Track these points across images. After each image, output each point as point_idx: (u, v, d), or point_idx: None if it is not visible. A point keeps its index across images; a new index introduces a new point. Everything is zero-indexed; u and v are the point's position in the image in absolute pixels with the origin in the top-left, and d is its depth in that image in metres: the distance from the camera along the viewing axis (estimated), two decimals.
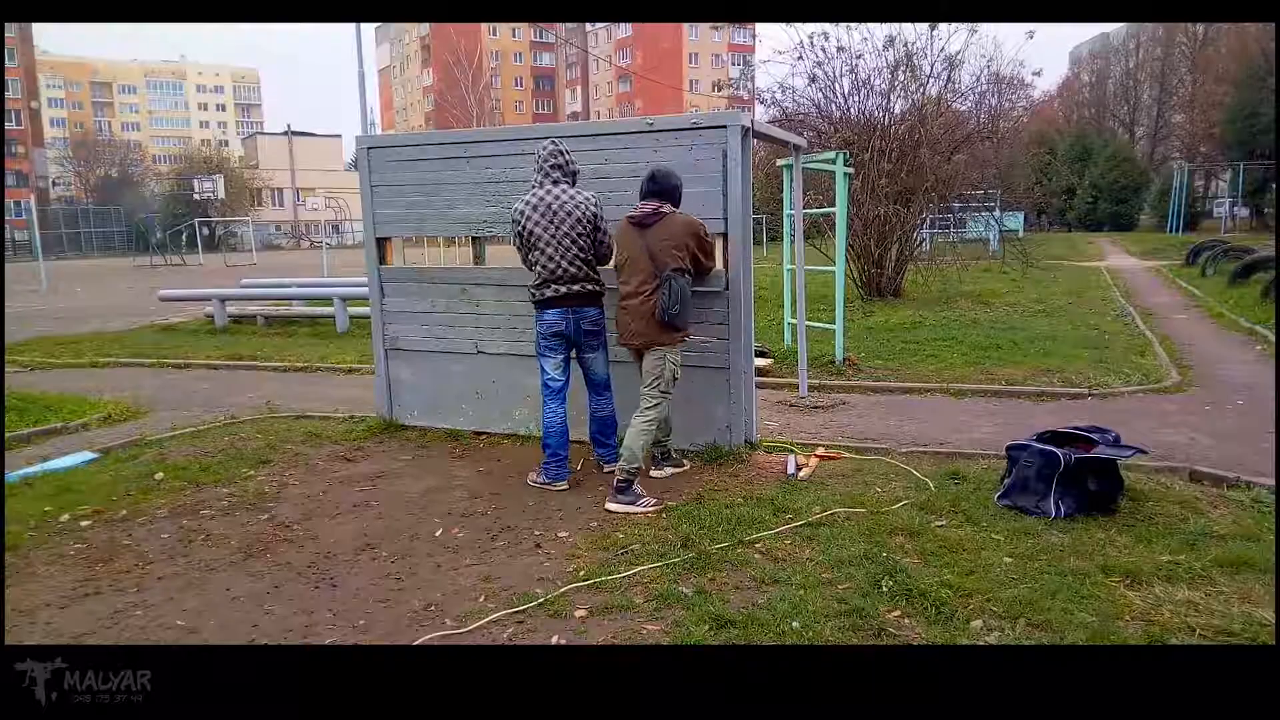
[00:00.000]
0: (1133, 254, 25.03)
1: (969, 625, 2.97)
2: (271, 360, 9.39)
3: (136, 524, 4.26)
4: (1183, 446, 5.30)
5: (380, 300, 6.10)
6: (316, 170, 61.58)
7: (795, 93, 13.97)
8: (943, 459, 5.02)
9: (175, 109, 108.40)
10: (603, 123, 5.58)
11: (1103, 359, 8.09)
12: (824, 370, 7.78)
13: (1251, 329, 9.79)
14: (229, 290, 13.82)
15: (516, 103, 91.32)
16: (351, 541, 3.99)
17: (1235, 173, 36.70)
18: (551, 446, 4.72)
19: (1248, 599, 3.11)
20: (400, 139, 6.23)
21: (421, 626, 3.12)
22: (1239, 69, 36.83)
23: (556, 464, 4.72)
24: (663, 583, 3.37)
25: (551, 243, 4.54)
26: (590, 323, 4.70)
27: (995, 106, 14.53)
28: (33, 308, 16.77)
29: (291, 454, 5.51)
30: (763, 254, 21.56)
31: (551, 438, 4.72)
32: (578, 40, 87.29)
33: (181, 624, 3.20)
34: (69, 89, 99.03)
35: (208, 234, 46.04)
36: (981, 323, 10.61)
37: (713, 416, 5.20)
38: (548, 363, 4.73)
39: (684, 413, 5.24)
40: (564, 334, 4.67)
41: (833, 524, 3.96)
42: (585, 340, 4.74)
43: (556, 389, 4.76)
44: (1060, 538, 3.72)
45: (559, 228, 4.52)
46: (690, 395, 5.21)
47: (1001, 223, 18.66)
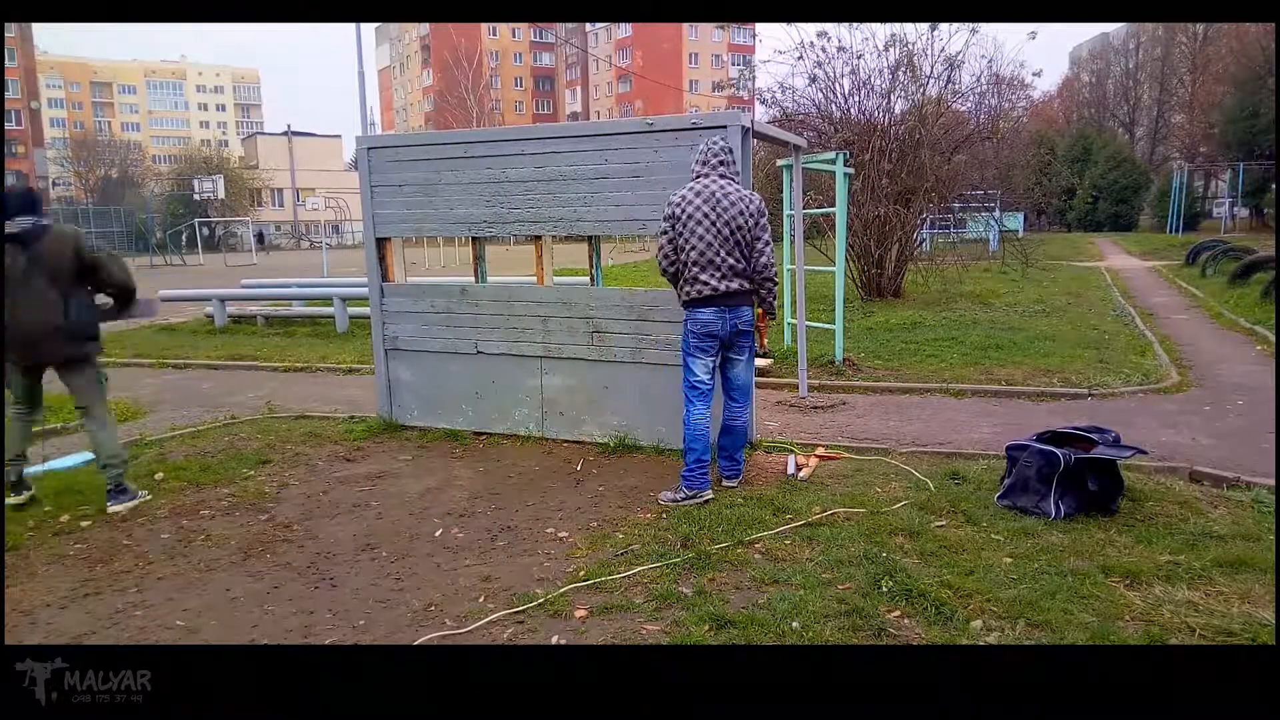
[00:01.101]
0: (1133, 254, 25.03)
1: (969, 625, 2.97)
2: (271, 360, 9.39)
3: (136, 524, 4.26)
4: (1183, 447, 5.30)
5: (380, 300, 6.10)
6: (316, 170, 61.57)
7: (795, 93, 13.98)
8: (943, 459, 5.03)
9: (175, 109, 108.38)
10: (603, 123, 5.58)
11: (1103, 359, 8.09)
12: (824, 370, 7.78)
13: (1251, 329, 9.79)
14: (229, 290, 13.82)
15: (516, 103, 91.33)
16: (351, 542, 4.00)
17: (1235, 173, 36.70)
18: (697, 452, 4.40)
19: (1248, 599, 3.11)
20: (400, 139, 6.23)
21: (421, 627, 3.12)
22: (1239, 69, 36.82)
23: (702, 472, 4.40)
24: (662, 583, 3.37)
25: (712, 229, 4.27)
26: (744, 323, 4.48)
27: (995, 107, 14.53)
28: None
29: (291, 454, 5.51)
30: None
31: (698, 443, 4.41)
32: (578, 40, 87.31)
33: (181, 624, 3.20)
34: (69, 89, 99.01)
35: (207, 234, 46.03)
36: (981, 323, 10.61)
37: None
38: (697, 364, 4.44)
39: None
40: (717, 334, 4.39)
41: (833, 524, 3.96)
42: (737, 341, 4.47)
43: (706, 391, 4.47)
44: (1060, 538, 3.72)
45: (721, 217, 4.27)
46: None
47: (1001, 223, 18.67)
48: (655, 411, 5.31)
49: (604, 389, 5.48)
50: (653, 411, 5.32)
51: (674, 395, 5.28)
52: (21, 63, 62.28)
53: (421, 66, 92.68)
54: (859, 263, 13.31)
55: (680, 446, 4.74)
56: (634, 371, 5.39)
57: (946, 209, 17.42)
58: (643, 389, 5.36)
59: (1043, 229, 40.72)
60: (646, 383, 5.34)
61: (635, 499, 4.46)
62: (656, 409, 5.29)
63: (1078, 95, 63.32)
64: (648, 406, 5.35)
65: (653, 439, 5.34)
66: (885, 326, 10.43)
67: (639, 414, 5.39)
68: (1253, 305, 11.38)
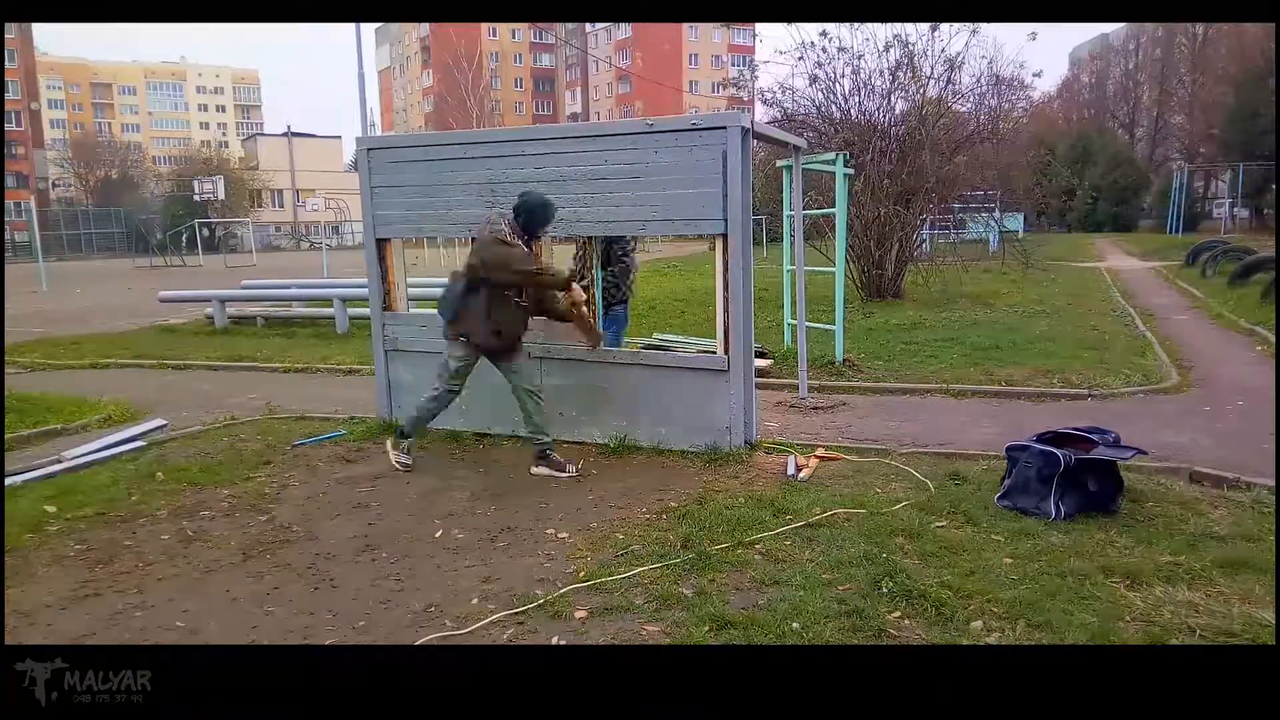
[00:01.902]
0: (1132, 255, 25.04)
1: (969, 626, 2.97)
2: (271, 361, 9.39)
3: (137, 525, 4.26)
4: (1183, 447, 5.29)
5: (380, 301, 6.09)
6: (316, 171, 61.58)
7: (796, 93, 14.00)
8: (943, 460, 5.02)
9: (175, 110, 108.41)
10: (603, 124, 5.59)
11: (1103, 360, 8.09)
12: (824, 371, 7.78)
13: (1251, 329, 9.79)
14: (229, 291, 13.82)
15: (516, 104, 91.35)
16: (351, 543, 3.99)
17: (1235, 174, 36.72)
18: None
19: (1248, 599, 3.11)
20: (400, 140, 6.24)
21: (421, 628, 3.12)
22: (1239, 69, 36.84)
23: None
24: (663, 584, 3.37)
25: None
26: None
27: (995, 107, 14.54)
28: (33, 309, 16.77)
29: (291, 455, 5.51)
30: (763, 255, 21.53)
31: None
32: (577, 41, 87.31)
33: (182, 625, 3.19)
34: (69, 90, 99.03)
35: (207, 235, 46.05)
36: (981, 323, 10.61)
37: (713, 417, 5.20)
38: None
39: (684, 413, 5.25)
40: None
41: (833, 525, 3.96)
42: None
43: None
44: (1060, 539, 3.72)
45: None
46: (690, 396, 5.22)
47: (1001, 224, 18.67)
48: (654, 413, 5.31)
49: (603, 390, 5.48)
50: (652, 413, 5.32)
51: (673, 396, 5.29)
52: (22, 64, 62.30)
53: (421, 68, 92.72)
54: (859, 263, 13.31)
55: (680, 447, 4.76)
56: (633, 373, 5.39)
57: (947, 210, 17.42)
58: (642, 390, 5.36)
59: (1043, 229, 40.68)
60: (646, 384, 5.34)
61: (635, 500, 4.46)
62: (656, 410, 5.29)
63: (1078, 96, 63.36)
64: (647, 407, 5.35)
65: (652, 440, 5.34)
66: (885, 327, 10.44)
67: (639, 415, 5.39)
68: (1253, 306, 11.38)
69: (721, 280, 5.14)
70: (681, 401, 5.26)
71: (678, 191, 5.10)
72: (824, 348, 8.35)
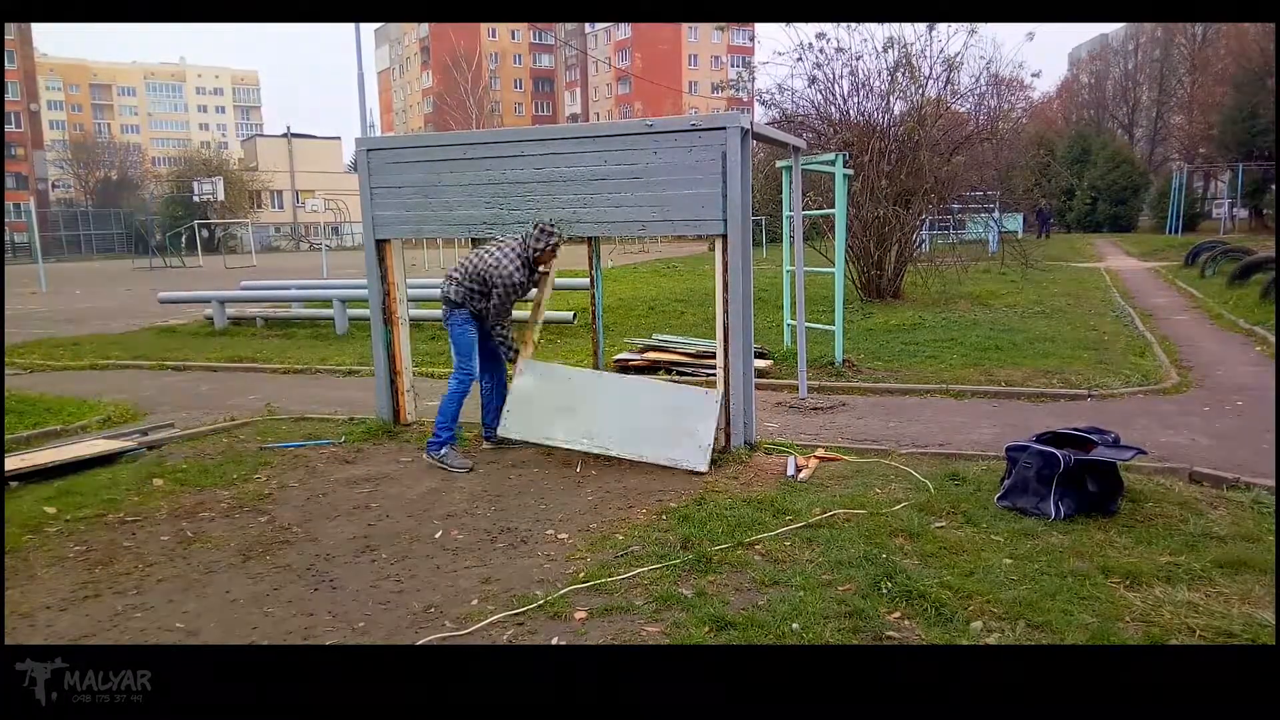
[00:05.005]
0: (1132, 255, 25.03)
1: (969, 626, 2.97)
2: (271, 362, 9.39)
3: (136, 526, 4.26)
4: (1182, 447, 5.30)
5: (380, 302, 6.09)
6: (316, 172, 61.54)
7: (794, 94, 13.99)
8: (942, 460, 5.02)
9: (175, 111, 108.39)
10: (602, 124, 5.58)
11: (1102, 360, 8.09)
12: (824, 372, 7.78)
13: (1251, 330, 9.80)
14: (228, 292, 13.82)
15: (516, 105, 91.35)
16: (351, 544, 3.99)
17: (1234, 174, 36.71)
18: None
19: (1248, 600, 3.11)
20: (400, 141, 6.24)
21: (421, 628, 3.12)
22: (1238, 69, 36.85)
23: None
24: (662, 584, 3.37)
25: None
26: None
27: (994, 108, 14.54)
28: (32, 310, 16.77)
29: (291, 456, 5.51)
30: (762, 255, 21.56)
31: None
32: (577, 42, 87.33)
33: (181, 626, 3.19)
34: (68, 91, 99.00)
35: (207, 236, 46.02)
36: (981, 324, 10.61)
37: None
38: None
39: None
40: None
41: (833, 526, 3.96)
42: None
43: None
44: (1060, 539, 3.72)
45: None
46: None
47: (1001, 224, 18.67)
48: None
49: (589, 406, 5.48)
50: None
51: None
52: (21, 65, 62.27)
53: (421, 68, 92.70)
54: (858, 264, 13.31)
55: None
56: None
57: (946, 210, 17.42)
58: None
59: (1041, 236, 40.71)
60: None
61: (635, 501, 4.46)
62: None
63: (1077, 96, 63.36)
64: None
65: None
66: (885, 328, 10.44)
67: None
68: (1252, 306, 11.38)
69: (721, 281, 5.14)
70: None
71: (677, 192, 5.11)
72: (823, 348, 8.35)
